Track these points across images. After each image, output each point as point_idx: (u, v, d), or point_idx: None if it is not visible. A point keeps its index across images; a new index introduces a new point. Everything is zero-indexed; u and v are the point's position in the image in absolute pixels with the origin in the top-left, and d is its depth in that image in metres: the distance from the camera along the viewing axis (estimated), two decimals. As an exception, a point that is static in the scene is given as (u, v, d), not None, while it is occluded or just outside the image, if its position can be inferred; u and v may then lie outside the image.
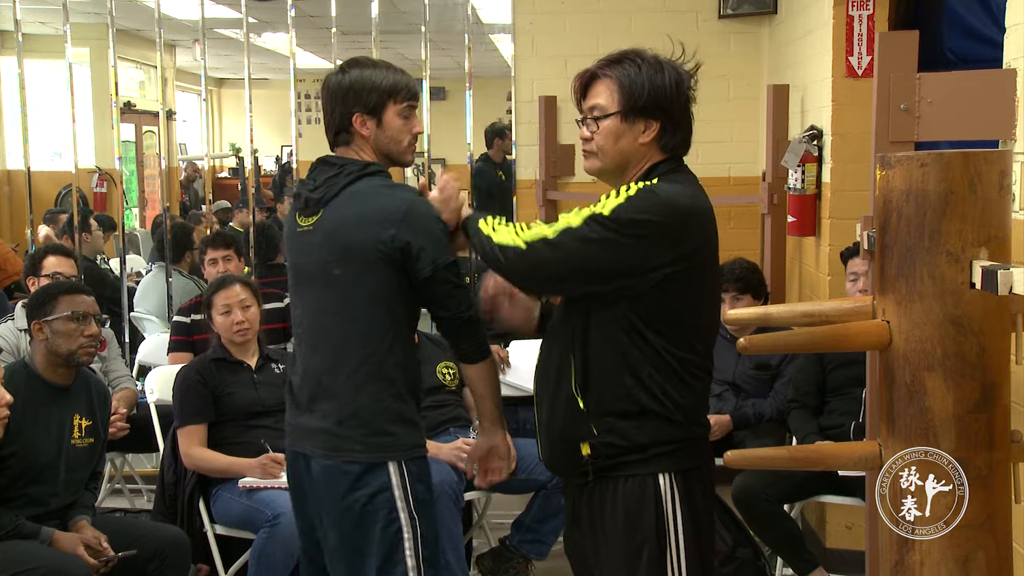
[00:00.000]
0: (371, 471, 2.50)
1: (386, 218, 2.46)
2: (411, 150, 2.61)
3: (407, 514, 2.50)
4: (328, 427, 2.53)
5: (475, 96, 6.03)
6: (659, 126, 2.31)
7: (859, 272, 3.87)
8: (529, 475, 3.86)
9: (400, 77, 2.57)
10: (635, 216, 2.19)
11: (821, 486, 3.85)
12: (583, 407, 2.30)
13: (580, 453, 2.31)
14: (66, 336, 3.46)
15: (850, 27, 4.22)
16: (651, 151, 2.34)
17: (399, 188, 2.56)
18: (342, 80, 2.57)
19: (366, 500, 2.50)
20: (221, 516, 3.75)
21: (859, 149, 4.12)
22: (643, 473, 2.29)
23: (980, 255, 1.85)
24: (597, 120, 2.33)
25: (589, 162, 2.39)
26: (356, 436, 2.51)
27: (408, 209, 2.47)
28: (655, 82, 2.30)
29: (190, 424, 3.77)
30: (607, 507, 2.32)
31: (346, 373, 2.52)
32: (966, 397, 1.88)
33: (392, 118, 2.55)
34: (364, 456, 2.50)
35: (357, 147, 2.57)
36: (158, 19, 6.00)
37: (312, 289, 2.58)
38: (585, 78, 2.38)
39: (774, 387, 4.30)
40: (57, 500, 3.43)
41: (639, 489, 2.29)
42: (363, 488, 2.50)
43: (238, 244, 5.14)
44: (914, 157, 1.89)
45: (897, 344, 1.91)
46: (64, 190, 9.46)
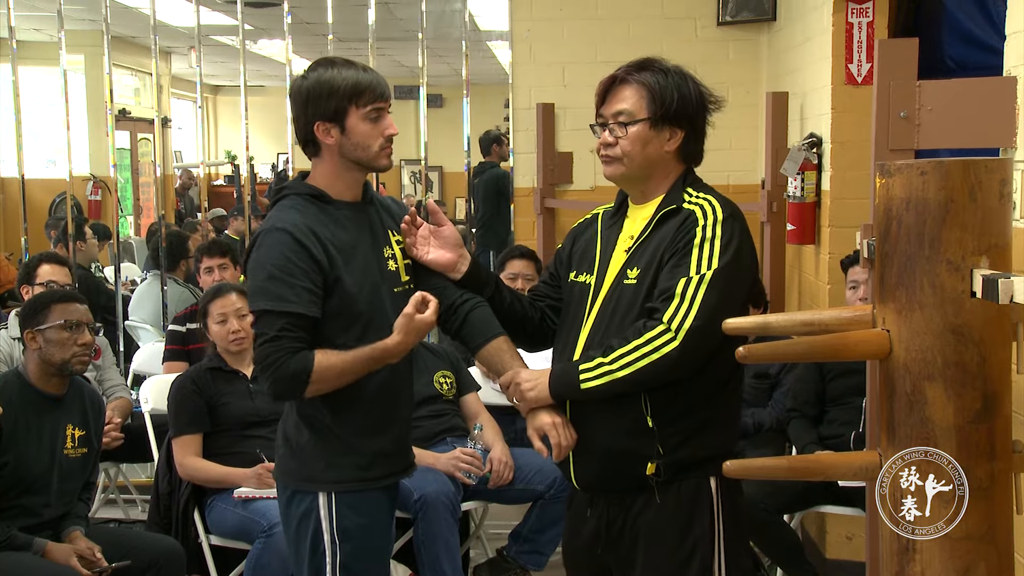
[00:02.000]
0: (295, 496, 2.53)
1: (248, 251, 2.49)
2: (385, 154, 2.45)
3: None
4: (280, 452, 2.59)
5: (472, 103, 6.05)
6: (683, 135, 2.35)
7: (859, 280, 3.87)
8: (527, 485, 3.86)
9: (363, 76, 2.40)
10: (736, 246, 2.27)
11: (821, 496, 3.85)
12: (652, 426, 2.29)
13: (644, 472, 2.30)
14: (59, 345, 3.45)
15: (849, 34, 4.23)
16: (673, 160, 2.37)
17: (271, 220, 2.43)
18: (301, 86, 2.42)
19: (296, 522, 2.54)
20: (216, 526, 3.74)
21: (859, 157, 4.13)
22: (698, 476, 2.33)
23: (981, 264, 1.84)
24: (625, 125, 2.33)
25: (612, 167, 2.38)
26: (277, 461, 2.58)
27: (253, 244, 2.45)
28: (683, 91, 2.34)
29: (185, 434, 3.76)
30: (666, 512, 2.32)
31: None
32: (967, 407, 1.87)
33: (356, 123, 2.39)
34: (284, 480, 2.56)
35: (324, 157, 2.46)
36: (153, 26, 6.01)
37: None
38: (608, 83, 2.38)
39: (773, 396, 4.30)
40: (50, 511, 3.42)
41: (695, 492, 2.33)
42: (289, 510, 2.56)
43: (234, 252, 5.14)
44: (914, 165, 1.89)
45: (897, 353, 1.91)
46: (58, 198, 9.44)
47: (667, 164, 2.37)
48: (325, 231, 2.40)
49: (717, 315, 2.14)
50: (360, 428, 2.49)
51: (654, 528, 2.34)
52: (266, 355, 2.34)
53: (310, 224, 2.39)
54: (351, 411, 2.47)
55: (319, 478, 2.48)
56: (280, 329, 2.33)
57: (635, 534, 2.36)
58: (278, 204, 2.47)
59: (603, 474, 2.36)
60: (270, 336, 2.34)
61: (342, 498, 2.48)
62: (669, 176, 2.38)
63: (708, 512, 2.33)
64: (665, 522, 2.33)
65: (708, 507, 2.33)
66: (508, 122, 5.98)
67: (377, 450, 2.52)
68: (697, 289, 2.21)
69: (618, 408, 2.29)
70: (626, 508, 2.36)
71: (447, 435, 4.00)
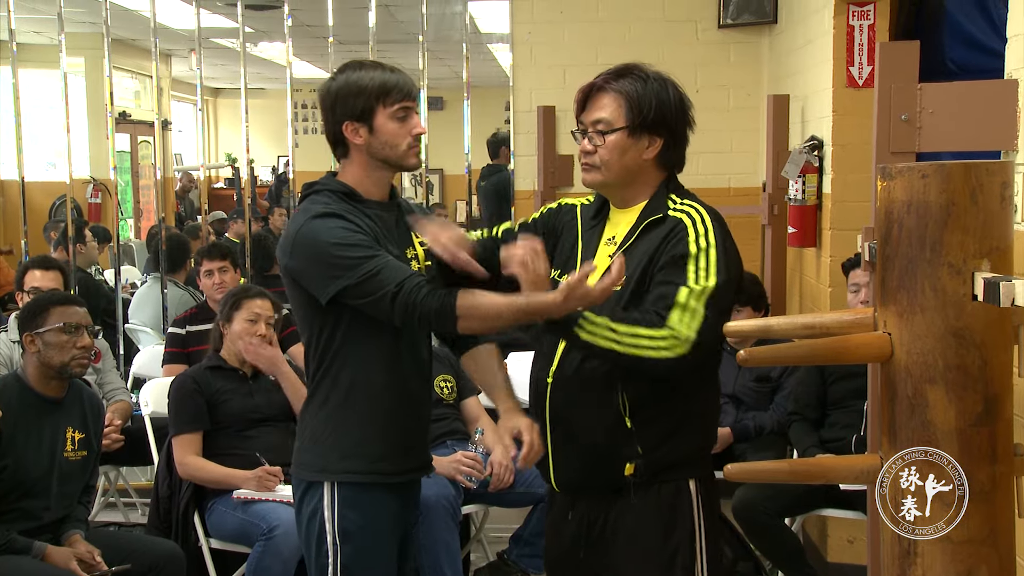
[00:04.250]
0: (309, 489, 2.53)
1: (283, 247, 2.48)
2: (413, 153, 2.48)
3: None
4: (297, 444, 2.59)
5: (473, 106, 6.05)
6: (662, 143, 2.35)
7: (861, 283, 3.87)
8: (528, 488, 3.86)
9: (390, 76, 2.44)
10: (727, 258, 2.28)
11: (822, 499, 3.85)
12: (630, 426, 2.31)
13: (622, 472, 2.32)
14: (58, 348, 3.45)
15: (851, 37, 4.23)
16: (653, 167, 2.37)
17: (302, 213, 2.45)
18: (330, 88, 2.47)
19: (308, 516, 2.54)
20: (216, 530, 3.74)
21: (860, 160, 4.13)
22: (678, 478, 2.35)
23: (982, 267, 1.84)
24: (603, 134, 2.34)
25: (591, 175, 2.39)
26: (296, 454, 2.58)
27: (296, 236, 2.43)
28: (661, 98, 2.34)
29: (185, 432, 3.76)
30: (646, 514, 2.33)
31: (307, 395, 2.58)
32: (968, 410, 1.87)
33: (384, 122, 2.43)
34: (298, 472, 2.56)
35: (353, 158, 2.49)
36: (153, 28, 6.01)
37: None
38: (587, 90, 2.39)
39: (774, 400, 4.30)
40: (50, 514, 3.42)
41: (674, 494, 2.34)
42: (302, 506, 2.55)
43: (234, 255, 5.14)
44: (915, 168, 1.89)
45: (898, 356, 1.91)
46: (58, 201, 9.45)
47: (646, 171, 2.37)
48: (360, 223, 2.43)
49: (719, 330, 2.18)
50: (384, 423, 2.50)
51: (634, 530, 2.35)
52: (404, 307, 2.29)
53: (344, 214, 2.43)
54: (375, 404, 2.48)
55: (331, 468, 2.49)
56: (397, 284, 2.30)
57: (616, 536, 2.37)
58: (309, 198, 2.49)
59: (583, 474, 2.38)
60: (391, 291, 2.30)
61: (345, 496, 2.48)
62: (649, 183, 2.38)
63: (689, 515, 2.34)
64: (646, 524, 2.34)
65: (689, 509, 2.34)
66: (509, 125, 5.99)
67: (396, 442, 2.53)
68: (699, 302, 2.22)
69: (598, 408, 2.31)
70: (606, 510, 2.38)
71: (448, 438, 4.00)
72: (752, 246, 5.58)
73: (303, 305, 2.48)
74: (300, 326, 2.56)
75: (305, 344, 2.54)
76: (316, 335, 2.48)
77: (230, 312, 3.95)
